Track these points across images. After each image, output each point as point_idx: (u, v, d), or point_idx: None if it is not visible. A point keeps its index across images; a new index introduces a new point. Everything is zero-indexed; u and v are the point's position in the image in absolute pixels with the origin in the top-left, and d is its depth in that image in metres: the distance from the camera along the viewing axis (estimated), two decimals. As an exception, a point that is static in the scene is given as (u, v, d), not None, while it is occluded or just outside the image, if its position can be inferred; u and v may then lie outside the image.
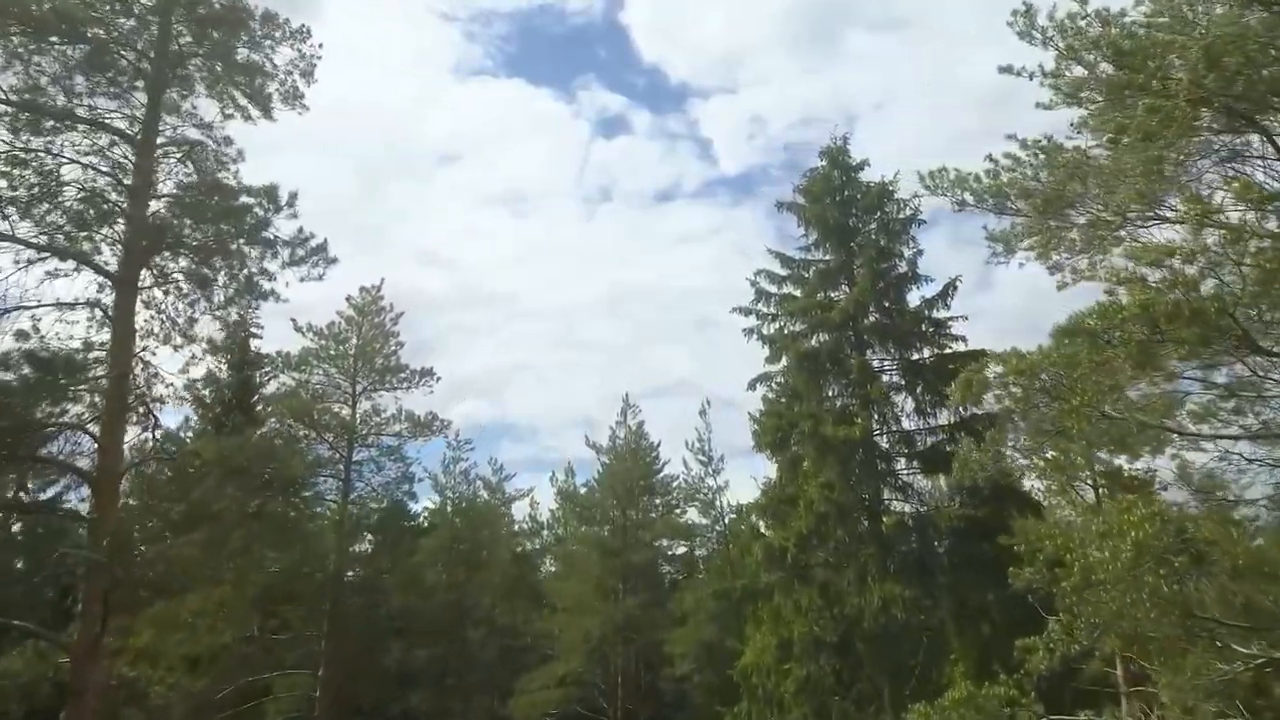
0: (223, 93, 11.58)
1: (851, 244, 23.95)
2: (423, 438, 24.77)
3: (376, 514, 23.77)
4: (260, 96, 11.71)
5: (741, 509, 39.01)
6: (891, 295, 22.94)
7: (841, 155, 25.00)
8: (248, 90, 11.57)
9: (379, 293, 24.93)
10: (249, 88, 11.55)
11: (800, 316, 22.95)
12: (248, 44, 11.75)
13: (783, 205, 25.18)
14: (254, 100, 11.69)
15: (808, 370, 21.85)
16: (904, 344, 22.44)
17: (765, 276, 24.65)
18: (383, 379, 23.71)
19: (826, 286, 24.13)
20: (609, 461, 40.47)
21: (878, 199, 23.84)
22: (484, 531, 49.31)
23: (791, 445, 21.93)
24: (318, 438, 22.28)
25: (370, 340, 24.03)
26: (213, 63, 11.44)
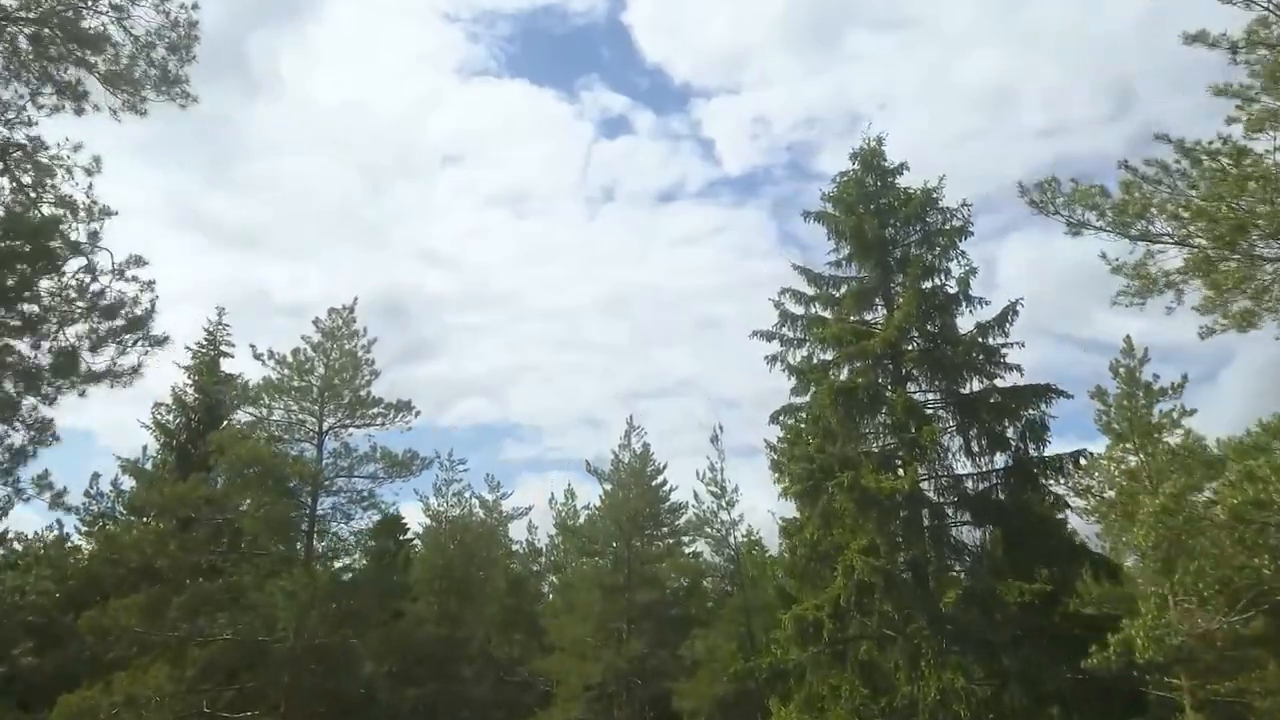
0: (43, 74, 8.42)
1: (889, 259, 20.93)
2: (401, 478, 21.69)
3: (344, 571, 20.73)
4: (119, 79, 8.58)
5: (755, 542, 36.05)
6: (938, 319, 19.87)
7: (876, 158, 21.98)
8: (86, 70, 8.41)
9: (351, 314, 21.90)
10: (86, 67, 8.39)
11: (832, 344, 19.88)
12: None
13: (809, 215, 22.14)
14: (113, 84, 8.56)
15: (843, 408, 18.78)
16: (953, 376, 19.38)
17: (790, 296, 21.62)
18: (353, 414, 20.65)
19: (861, 308, 21.12)
20: (611, 489, 37.47)
21: (920, 208, 20.80)
22: (481, 553, 46.58)
23: (825, 494, 18.86)
24: (274, 487, 19.24)
25: (339, 370, 20.98)
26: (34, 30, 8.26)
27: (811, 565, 19.42)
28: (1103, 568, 17.95)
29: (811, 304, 21.57)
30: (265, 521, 18.74)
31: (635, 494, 36.77)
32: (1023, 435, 18.88)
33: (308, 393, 20.52)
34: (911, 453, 17.93)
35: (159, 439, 30.13)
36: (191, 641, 17.95)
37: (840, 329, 19.60)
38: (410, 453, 21.77)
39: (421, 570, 44.60)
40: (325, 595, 18.20)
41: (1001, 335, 19.13)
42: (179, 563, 18.14)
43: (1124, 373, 25.86)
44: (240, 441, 18.89)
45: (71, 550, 24.55)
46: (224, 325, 32.90)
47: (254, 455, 18.31)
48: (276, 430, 20.33)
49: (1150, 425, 24.11)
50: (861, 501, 17.44)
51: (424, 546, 45.57)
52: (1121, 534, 23.65)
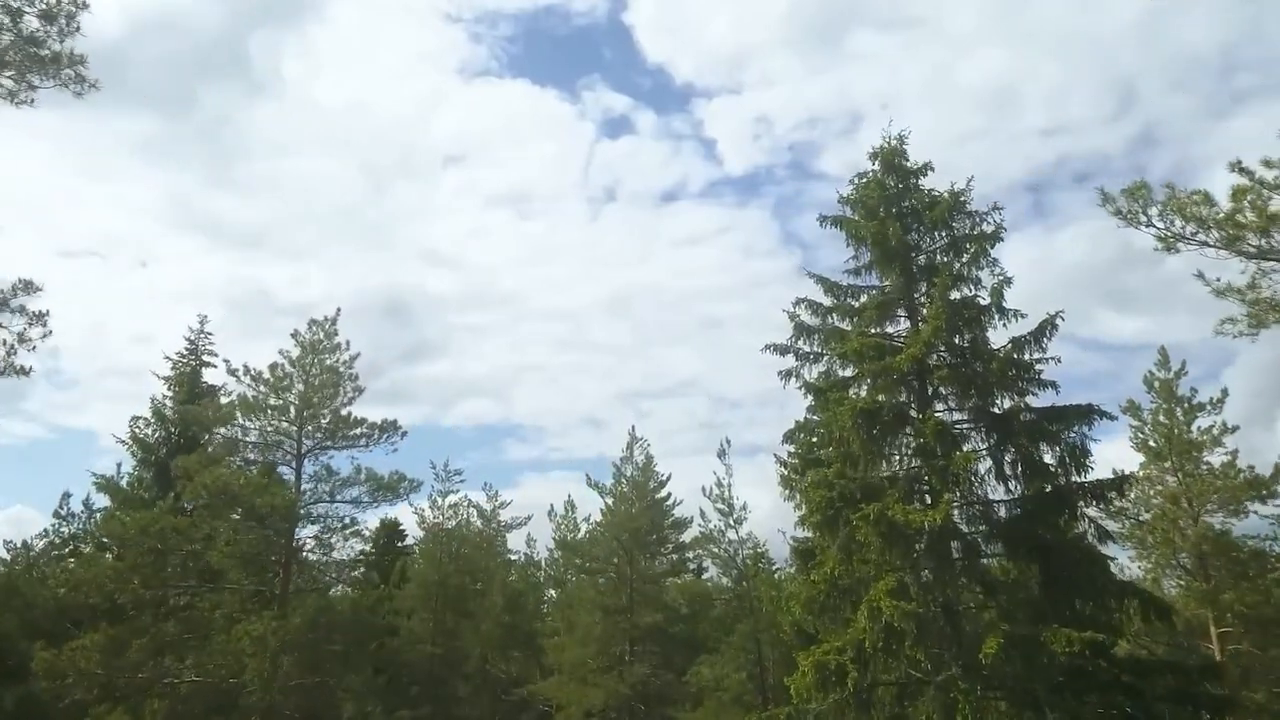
0: None
1: (912, 267, 19.36)
2: (388, 502, 20.12)
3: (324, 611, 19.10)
4: None
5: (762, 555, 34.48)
6: (968, 333, 18.27)
7: (897, 157, 20.41)
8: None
9: (333, 326, 20.32)
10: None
11: (853, 359, 18.29)
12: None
13: (826, 219, 20.58)
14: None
15: (865, 429, 17.19)
16: (985, 395, 17.78)
17: (806, 307, 20.07)
18: (333, 435, 19.07)
19: (883, 320, 19.54)
20: (612, 503, 35.89)
21: (946, 212, 19.22)
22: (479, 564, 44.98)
23: (846, 524, 17.27)
24: (245, 516, 17.65)
25: (319, 387, 19.40)
26: None
27: (831, 600, 17.82)
28: (1153, 606, 16.33)
29: (829, 315, 20.02)
30: (235, 555, 17.20)
31: (638, 508, 35.21)
32: (1062, 460, 17.29)
33: (285, 412, 18.96)
34: (943, 481, 16.32)
35: (136, 455, 28.56)
36: (155, 686, 16.39)
37: (861, 343, 18.01)
38: (397, 474, 20.24)
39: (416, 585, 43.07)
40: (299, 639, 16.64)
41: (1039, 350, 17.55)
42: (142, 599, 16.59)
43: (1160, 385, 24.31)
44: (208, 467, 17.34)
45: (39, 578, 23.04)
46: (206, 333, 31.30)
47: (222, 484, 16.76)
48: (253, 453, 18.75)
49: (1189, 443, 22.55)
50: (888, 535, 15.86)
51: (419, 560, 44.04)
52: (1164, 564, 22.03)
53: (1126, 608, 16.32)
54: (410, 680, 42.95)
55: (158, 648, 16.58)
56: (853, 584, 17.32)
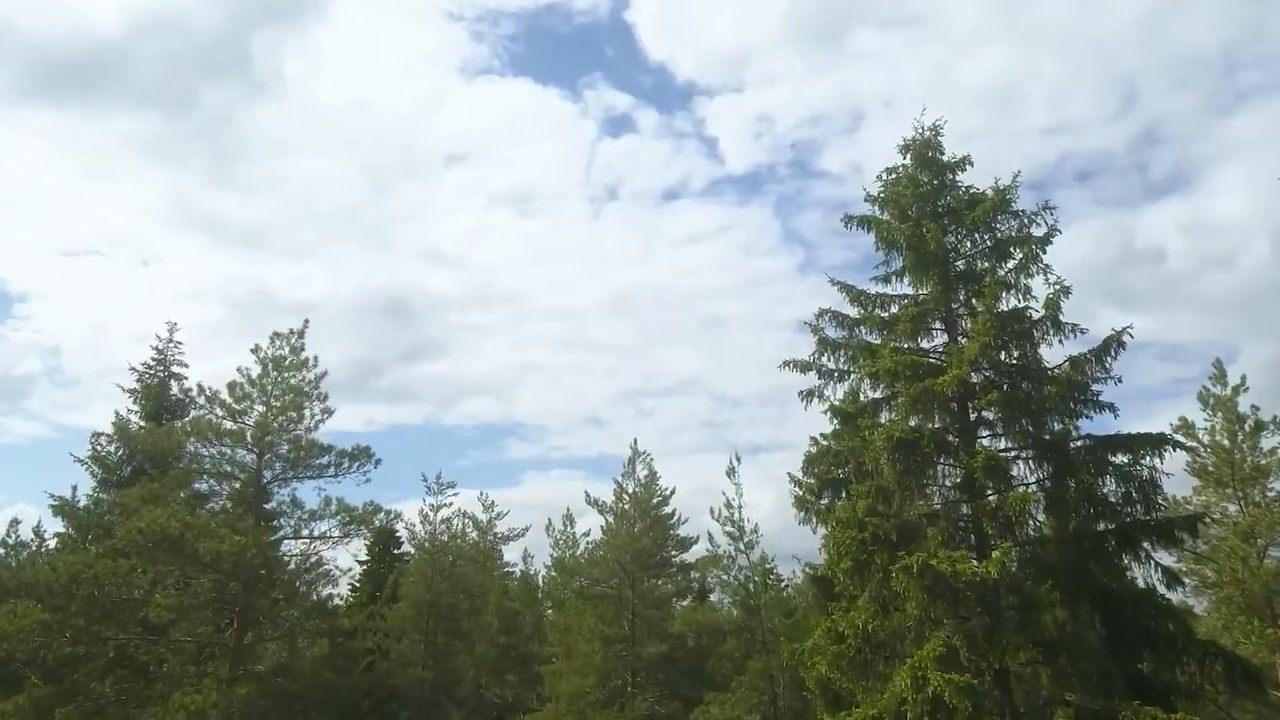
0: None
1: (950, 274, 17.12)
2: (361, 536, 17.89)
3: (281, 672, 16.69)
4: None
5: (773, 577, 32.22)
6: (1016, 349, 16.03)
7: (932, 151, 18.18)
8: None
9: (300, 340, 18.08)
10: None
11: (886, 379, 16.04)
12: None
13: (851, 220, 18.37)
14: None
15: (903, 462, 14.95)
16: (1037, 421, 15.52)
17: (831, 320, 17.85)
18: (296, 464, 16.84)
19: (917, 333, 17.28)
20: (614, 522, 33.66)
21: (990, 211, 16.97)
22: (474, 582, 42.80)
23: (880, 571, 15.04)
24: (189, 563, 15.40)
25: (282, 409, 17.16)
26: None
27: (863, 655, 15.58)
28: (1239, 670, 14.07)
29: (856, 328, 17.81)
30: (178, 607, 15.01)
31: (640, 527, 32.99)
32: (1128, 496, 15.05)
33: (241, 438, 16.75)
34: (994, 524, 14.07)
35: (96, 475, 26.27)
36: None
37: (896, 362, 15.75)
38: (372, 505, 18.02)
39: (406, 605, 40.85)
40: (249, 709, 14.40)
41: (1101, 371, 15.29)
42: (75, 655, 14.39)
43: (1217, 402, 22.00)
44: (146, 505, 15.12)
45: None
46: (176, 341, 29.03)
47: (158, 527, 14.51)
48: (208, 484, 16.52)
49: (1256, 468, 20.26)
50: (933, 588, 13.61)
51: (409, 578, 41.83)
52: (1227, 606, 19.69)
53: (1209, 671, 14.07)
54: (400, 706, 40.85)
55: (92, 711, 14.40)
56: (888, 638, 15.12)
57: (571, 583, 33.02)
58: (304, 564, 17.13)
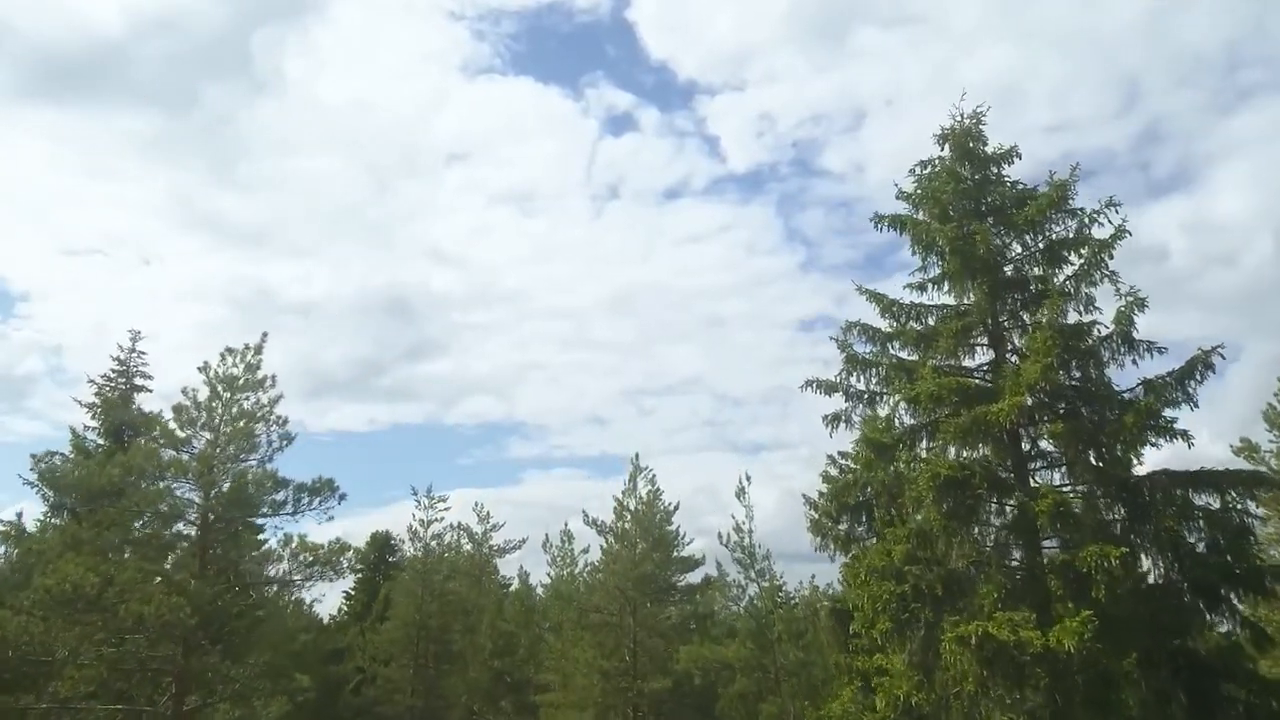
0: None
1: (995, 279, 14.90)
2: (326, 579, 15.71)
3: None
4: None
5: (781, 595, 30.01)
6: (1078, 369, 13.81)
7: (974, 141, 15.96)
8: None
9: (257, 356, 15.86)
10: None
11: (928, 405, 13.81)
12: None
13: (882, 220, 16.15)
14: None
15: (950, 505, 12.74)
16: (1107, 454, 13.27)
17: (859, 333, 15.64)
18: (247, 502, 14.62)
19: (959, 350, 15.06)
20: (614, 543, 31.47)
21: (1044, 210, 14.74)
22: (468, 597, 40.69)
23: (925, 629, 12.85)
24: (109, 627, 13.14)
25: (231, 438, 14.95)
26: None
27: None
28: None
29: (889, 343, 15.59)
30: (95, 678, 12.83)
31: (642, 549, 30.81)
32: (1214, 544, 12.82)
33: (185, 471, 14.56)
34: (1064, 582, 11.85)
35: (48, 499, 23.95)
36: None
37: (940, 385, 13.53)
38: (339, 543, 15.76)
39: (394, 626, 38.67)
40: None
41: (1182, 396, 13.05)
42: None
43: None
44: (69, 553, 12.90)
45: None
46: (139, 352, 26.81)
47: (72, 586, 12.26)
48: (149, 526, 14.27)
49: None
50: (993, 661, 11.39)
51: (399, 597, 39.64)
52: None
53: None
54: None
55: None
56: (933, 709, 12.92)
57: (569, 609, 30.74)
58: (254, 621, 14.87)
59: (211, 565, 14.73)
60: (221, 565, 14.88)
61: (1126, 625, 12.22)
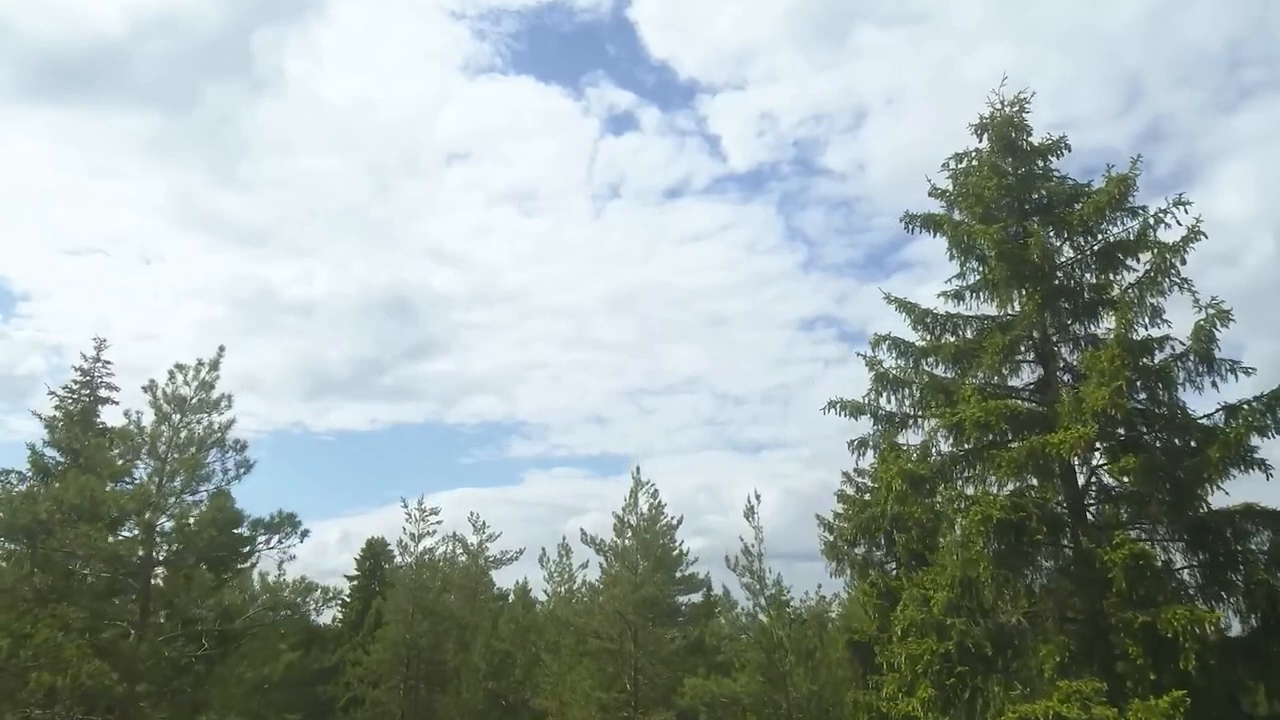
0: None
1: (1049, 288, 13.09)
2: (290, 610, 13.90)
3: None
4: None
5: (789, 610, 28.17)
6: (1146, 393, 12.02)
7: (1016, 131, 14.16)
8: None
9: (213, 373, 14.05)
10: None
11: (974, 432, 11.98)
12: None
13: (914, 220, 14.37)
14: None
15: (1004, 552, 10.97)
16: (1180, 490, 11.46)
17: (891, 348, 13.85)
18: (194, 542, 12.79)
19: (1003, 367, 13.24)
20: (613, 563, 29.69)
21: (1100, 209, 12.93)
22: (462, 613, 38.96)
23: (975, 696, 11.07)
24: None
25: (179, 468, 13.14)
26: None
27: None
28: None
29: (922, 360, 13.76)
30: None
31: (644, 568, 29.03)
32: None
33: (121, 506, 12.72)
34: (1142, 647, 10.03)
35: (2, 521, 22.06)
36: None
37: (987, 410, 11.71)
38: (305, 582, 13.95)
39: (384, 647, 36.87)
40: None
41: (1273, 424, 11.23)
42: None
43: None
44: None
45: None
46: (104, 361, 24.97)
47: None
48: (93, 568, 12.42)
49: None
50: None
51: (387, 616, 37.86)
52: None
53: None
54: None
55: None
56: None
57: (566, 634, 28.96)
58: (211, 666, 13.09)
59: (156, 614, 12.96)
60: (169, 614, 13.12)
61: (1211, 696, 10.42)
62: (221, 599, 13.02)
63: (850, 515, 22.55)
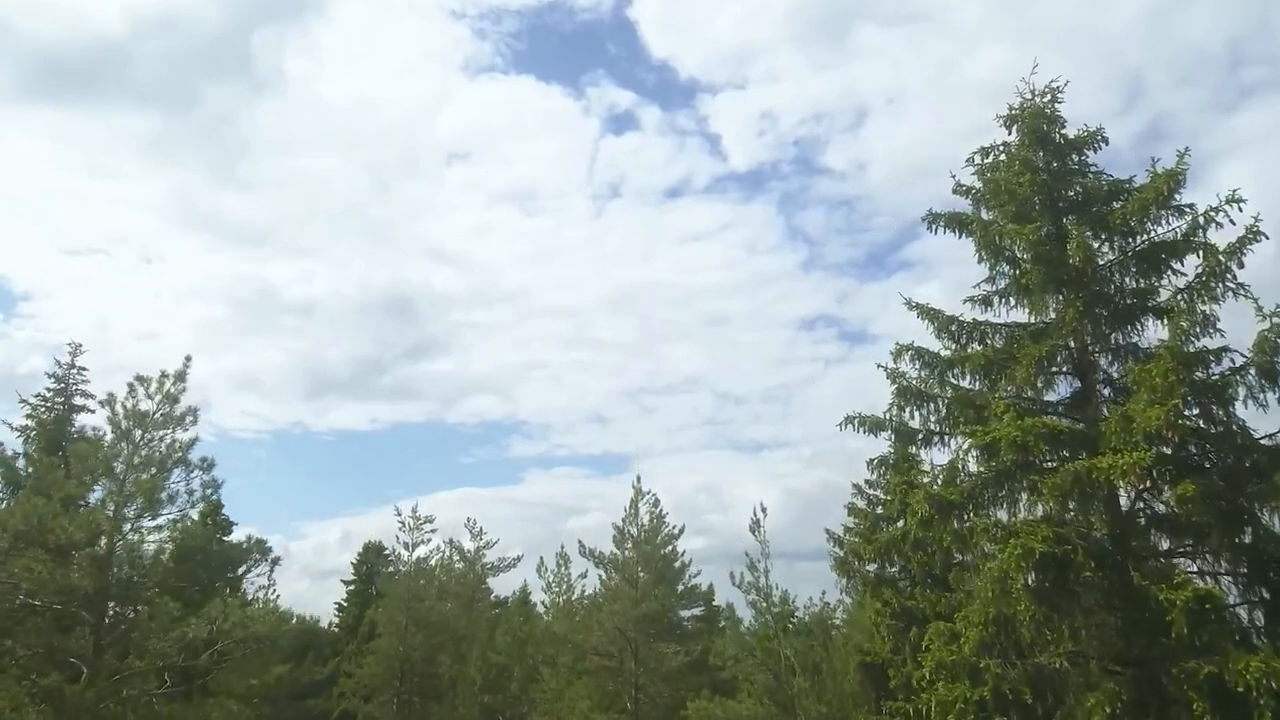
0: None
1: (1090, 294, 11.94)
2: (262, 642, 12.75)
3: None
4: None
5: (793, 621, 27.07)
6: (1199, 409, 10.88)
7: (1049, 123, 13.02)
8: None
9: (178, 385, 12.92)
10: None
11: (1012, 453, 10.82)
12: None
13: (937, 220, 13.26)
14: None
15: (1046, 590, 9.86)
16: (1236, 521, 10.33)
17: (915, 359, 12.73)
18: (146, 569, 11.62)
19: (1038, 380, 12.10)
20: (613, 576, 28.61)
21: (1145, 207, 11.79)
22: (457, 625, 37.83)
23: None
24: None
25: (139, 490, 12.00)
26: None
27: None
28: None
29: (948, 372, 12.62)
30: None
31: (645, 580, 27.93)
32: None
33: (68, 532, 11.57)
34: (1207, 700, 8.90)
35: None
36: None
37: (1025, 429, 10.56)
38: (276, 613, 12.80)
39: (376, 660, 35.74)
40: None
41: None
42: None
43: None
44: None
45: None
46: (79, 368, 23.88)
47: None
48: (46, 602, 11.26)
49: None
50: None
51: (381, 627, 36.74)
52: None
53: None
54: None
55: None
56: None
57: (564, 650, 27.85)
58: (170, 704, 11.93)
59: (112, 650, 11.83)
60: (125, 649, 11.99)
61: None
62: (185, 633, 11.95)
63: (861, 530, 21.45)
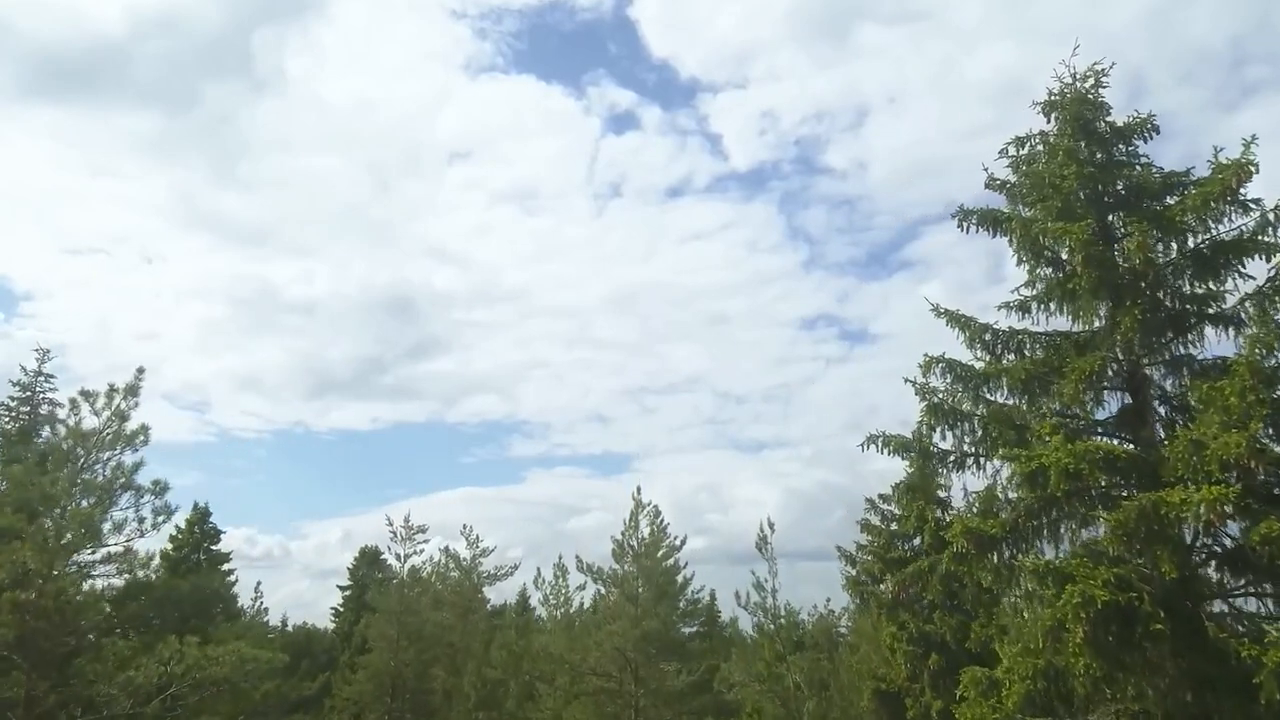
0: None
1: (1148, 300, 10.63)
2: (221, 685, 11.47)
3: None
4: None
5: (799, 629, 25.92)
6: (1274, 428, 9.56)
7: (1093, 111, 11.72)
8: None
9: (129, 401, 11.65)
10: None
11: (1063, 481, 9.50)
12: None
13: (969, 217, 11.96)
14: None
15: (1108, 644, 8.57)
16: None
17: (946, 373, 11.43)
18: (76, 610, 10.32)
19: (1084, 395, 10.78)
20: (613, 594, 27.31)
21: (1207, 203, 10.47)
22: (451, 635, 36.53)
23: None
24: None
25: (74, 520, 10.68)
26: None
27: None
28: None
29: (981, 388, 11.32)
30: None
31: (645, 595, 26.64)
32: None
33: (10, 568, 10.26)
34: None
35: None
36: None
37: (1076, 455, 9.26)
38: (240, 653, 11.49)
39: (367, 676, 34.44)
40: None
41: None
42: None
43: None
44: None
45: None
46: (46, 375, 22.64)
47: None
48: None
49: None
50: None
51: (372, 642, 35.45)
52: None
53: None
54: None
55: None
56: None
57: (562, 670, 26.57)
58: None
59: (53, 696, 10.56)
60: (65, 698, 10.70)
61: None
62: (134, 677, 10.68)
63: (875, 548, 20.19)
